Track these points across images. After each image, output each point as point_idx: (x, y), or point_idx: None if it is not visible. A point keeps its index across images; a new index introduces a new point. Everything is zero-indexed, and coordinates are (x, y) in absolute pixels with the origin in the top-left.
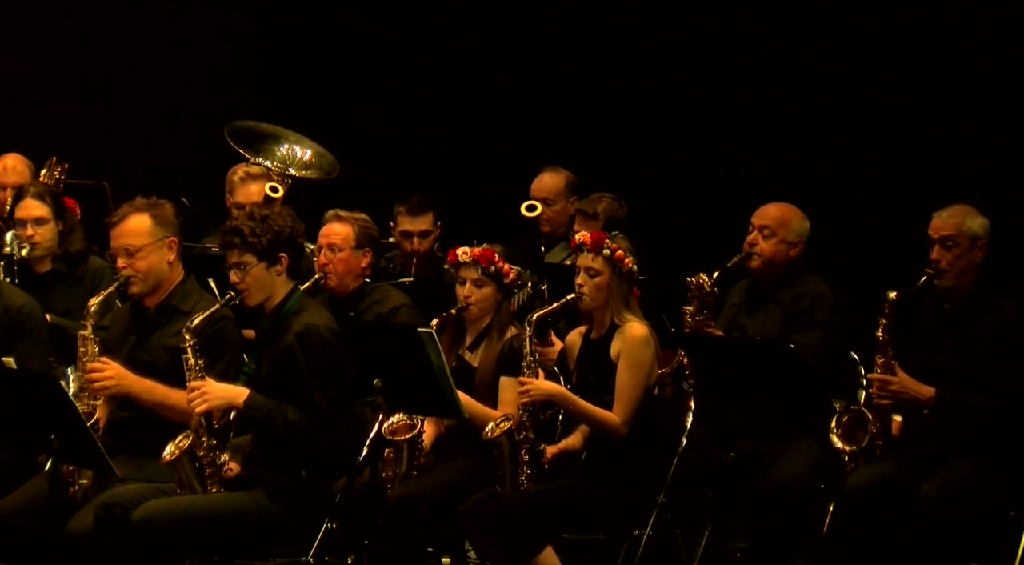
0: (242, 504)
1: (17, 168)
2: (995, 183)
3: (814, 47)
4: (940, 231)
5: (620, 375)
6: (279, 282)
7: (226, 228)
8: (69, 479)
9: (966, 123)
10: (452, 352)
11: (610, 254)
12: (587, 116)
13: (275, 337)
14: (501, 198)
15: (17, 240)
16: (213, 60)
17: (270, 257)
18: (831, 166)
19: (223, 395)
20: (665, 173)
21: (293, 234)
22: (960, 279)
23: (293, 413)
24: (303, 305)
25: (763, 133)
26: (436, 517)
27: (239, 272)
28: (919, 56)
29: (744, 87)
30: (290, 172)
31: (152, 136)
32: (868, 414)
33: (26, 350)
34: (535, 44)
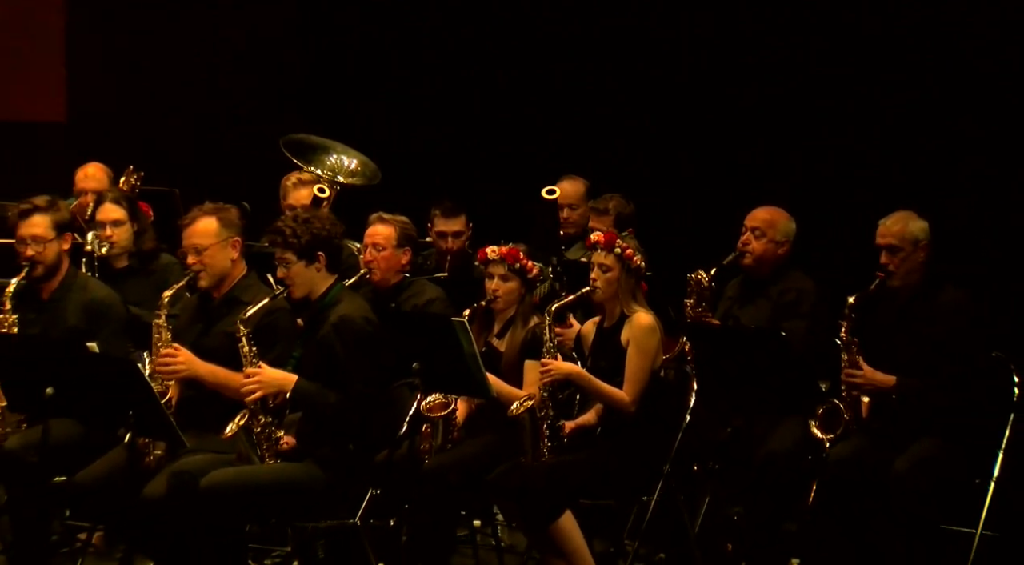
0: (295, 473)
1: (97, 175)
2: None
3: (811, 52)
4: (885, 238)
5: (629, 359)
6: (319, 277)
7: (271, 228)
8: (145, 450)
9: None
10: (481, 339)
11: (620, 252)
12: (598, 125)
13: (315, 326)
14: (524, 201)
15: (97, 240)
16: (269, 82)
17: (309, 255)
18: (814, 171)
19: (274, 381)
20: (668, 179)
21: (330, 235)
22: (907, 279)
23: (334, 396)
24: (341, 297)
25: (755, 143)
26: (467, 485)
27: (283, 268)
28: (916, 57)
29: (740, 96)
30: (338, 179)
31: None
32: (841, 406)
33: (107, 337)
34: (552, 59)
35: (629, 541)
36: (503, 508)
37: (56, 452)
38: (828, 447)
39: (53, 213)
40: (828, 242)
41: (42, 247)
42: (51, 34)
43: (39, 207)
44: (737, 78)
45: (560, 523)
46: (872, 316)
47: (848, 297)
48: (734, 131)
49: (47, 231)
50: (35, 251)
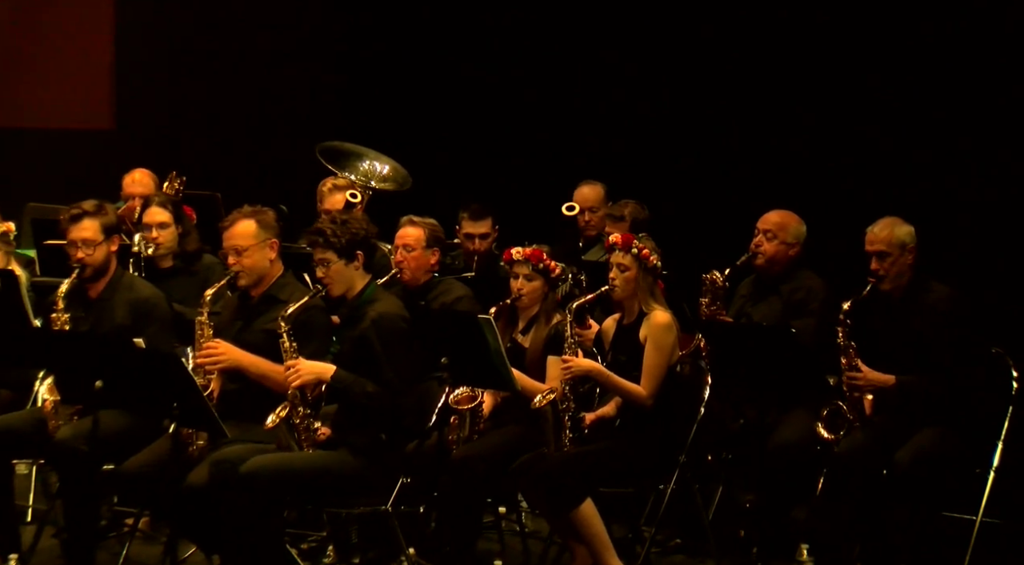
0: (330, 461)
1: (143, 181)
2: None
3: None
4: (873, 245)
5: (647, 355)
6: (356, 276)
7: (311, 230)
8: (188, 440)
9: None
10: (506, 335)
11: (637, 252)
12: (617, 133)
13: (354, 322)
14: (547, 204)
15: (144, 241)
16: (306, 91)
17: (348, 254)
18: (825, 176)
19: (313, 371)
20: (684, 185)
21: (367, 235)
22: (897, 281)
23: (371, 386)
24: (377, 295)
25: (767, 150)
26: (493, 474)
27: (323, 268)
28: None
29: (751, 108)
30: (371, 184)
31: (256, 154)
32: (844, 407)
33: (153, 333)
34: (572, 72)
35: (646, 527)
36: (527, 495)
37: (106, 442)
38: (834, 445)
39: (101, 217)
40: (837, 243)
41: (91, 249)
42: (100, 46)
43: (88, 211)
44: (746, 93)
45: (581, 510)
46: (867, 319)
47: (843, 303)
48: (747, 140)
49: (96, 234)
50: (85, 253)
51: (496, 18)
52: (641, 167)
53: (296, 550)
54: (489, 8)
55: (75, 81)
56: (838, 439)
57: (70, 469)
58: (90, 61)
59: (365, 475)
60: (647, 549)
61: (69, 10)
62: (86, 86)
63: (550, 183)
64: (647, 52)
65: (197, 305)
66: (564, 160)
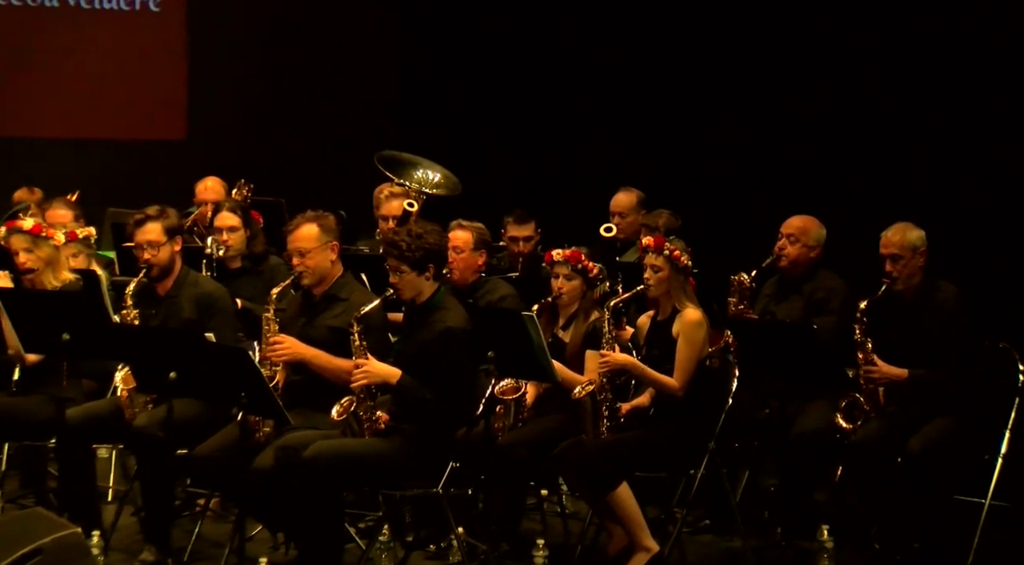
0: (386, 448)
1: (214, 188)
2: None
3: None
4: (887, 248)
5: (679, 349)
6: (426, 285)
7: (389, 240)
8: (255, 427)
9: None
10: (548, 331)
11: (669, 254)
12: (653, 144)
13: (421, 326)
14: (586, 209)
15: (216, 243)
16: (366, 104)
17: (420, 267)
18: (843, 184)
19: (380, 374)
20: (714, 193)
21: (440, 250)
22: (909, 282)
23: (431, 394)
24: (445, 303)
25: (791, 161)
26: (536, 459)
27: (396, 275)
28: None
29: (779, 124)
30: (424, 190)
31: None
32: (860, 399)
33: (217, 325)
34: (611, 86)
35: (678, 509)
36: (567, 479)
37: (179, 428)
38: (851, 434)
39: (164, 220)
40: (855, 245)
41: (156, 250)
42: (174, 64)
43: (151, 216)
44: (771, 113)
45: (617, 492)
46: (882, 317)
47: (860, 302)
48: (772, 153)
49: (159, 236)
50: (150, 254)
51: (541, 35)
52: (675, 176)
53: (354, 529)
54: (534, 25)
55: (152, 96)
56: (855, 429)
57: (147, 453)
58: (165, 78)
59: (418, 460)
60: (678, 529)
61: (146, 32)
62: (162, 101)
63: (590, 189)
64: (683, 75)
65: (264, 303)
66: (603, 168)
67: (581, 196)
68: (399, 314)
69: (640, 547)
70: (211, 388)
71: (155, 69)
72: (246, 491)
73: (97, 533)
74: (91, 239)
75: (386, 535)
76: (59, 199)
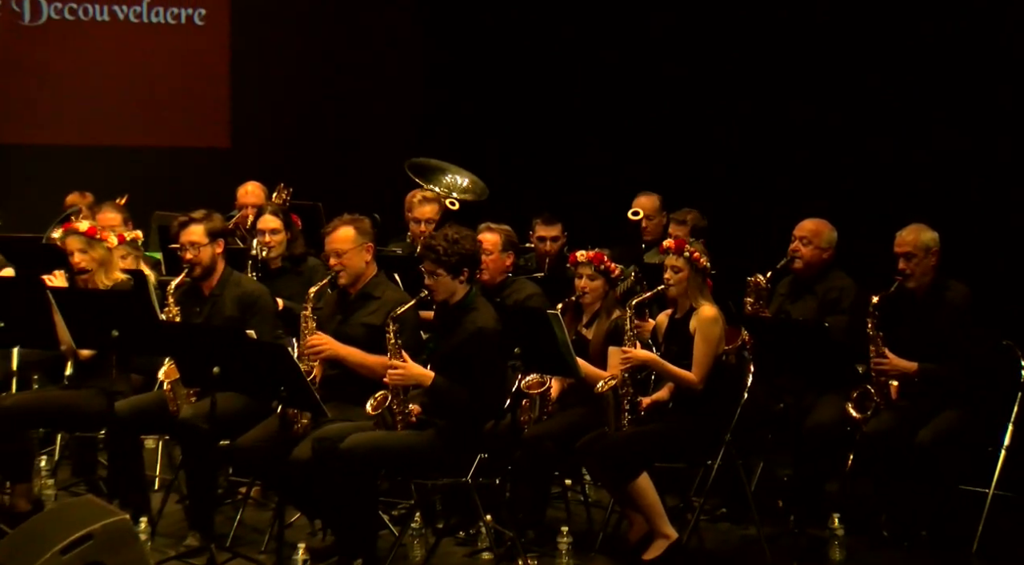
0: (418, 440)
1: (256, 192)
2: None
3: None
4: (901, 247)
5: (697, 346)
6: (460, 287)
7: (426, 244)
8: (294, 419)
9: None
10: (572, 328)
11: (689, 255)
12: (674, 151)
13: (454, 326)
14: (609, 212)
15: (258, 245)
16: (397, 113)
17: (456, 271)
18: (853, 189)
19: (415, 376)
20: (733, 198)
21: (475, 254)
22: (921, 280)
23: (464, 394)
24: (477, 304)
25: (804, 167)
26: (560, 450)
27: (432, 278)
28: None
29: (788, 131)
30: (453, 195)
31: (353, 168)
32: (872, 390)
33: (258, 323)
34: (632, 94)
35: (695, 497)
36: (590, 469)
37: (222, 420)
38: (863, 425)
39: (207, 222)
40: (864, 247)
41: (198, 251)
42: (218, 76)
43: (195, 218)
44: (787, 122)
45: (638, 482)
46: (894, 312)
47: (872, 297)
48: (787, 160)
49: (202, 237)
50: (193, 255)
51: (561, 47)
52: (695, 181)
53: (387, 516)
54: (555, 39)
55: (197, 106)
56: (866, 418)
57: (191, 444)
58: (210, 89)
59: (448, 452)
60: (696, 517)
61: (192, 45)
62: (206, 110)
63: (612, 193)
64: (701, 76)
65: (303, 301)
66: (625, 173)
67: (605, 199)
68: (431, 312)
69: (659, 534)
70: (252, 382)
71: (200, 81)
72: (285, 480)
73: (144, 519)
74: (138, 242)
75: (418, 522)
76: (109, 203)
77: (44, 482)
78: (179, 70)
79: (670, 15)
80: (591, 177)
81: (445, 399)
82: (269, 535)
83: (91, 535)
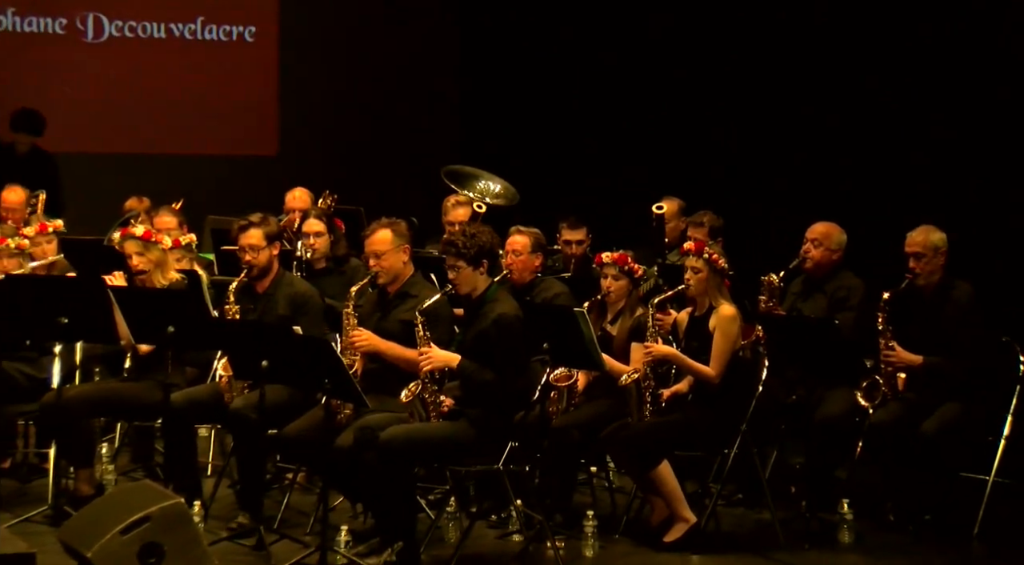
0: (453, 429)
1: (302, 197)
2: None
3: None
4: (911, 247)
5: (715, 342)
6: (481, 279)
7: (446, 240)
8: (337, 410)
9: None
10: (597, 325)
11: (708, 257)
12: (693, 156)
13: (477, 318)
14: (631, 215)
15: (304, 247)
16: (434, 123)
17: (475, 262)
18: (861, 193)
19: (442, 359)
20: (748, 201)
21: (492, 247)
22: (929, 278)
23: (488, 374)
24: (497, 296)
25: (816, 172)
26: (586, 439)
27: (453, 271)
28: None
29: (803, 135)
30: (486, 200)
31: (392, 176)
32: (880, 380)
33: (308, 322)
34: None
35: (713, 484)
36: (614, 457)
37: (270, 410)
38: (871, 413)
39: (264, 226)
40: (871, 248)
41: (256, 253)
42: (266, 86)
43: (254, 222)
44: (801, 129)
45: (659, 469)
46: (903, 308)
47: (884, 293)
48: (801, 165)
49: (260, 240)
50: (251, 257)
51: (590, 58)
52: (713, 186)
53: (424, 500)
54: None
55: (247, 117)
56: (874, 407)
57: (242, 432)
58: (259, 101)
59: (481, 440)
60: (714, 502)
61: (242, 60)
62: (255, 121)
63: (634, 198)
64: (718, 85)
65: (344, 299)
66: (647, 179)
67: (628, 204)
68: (462, 309)
69: (679, 518)
70: (298, 375)
71: (250, 93)
72: (329, 466)
73: (198, 502)
74: (192, 244)
75: (453, 506)
76: (165, 207)
77: (105, 468)
78: (230, 84)
79: (687, 20)
80: (614, 185)
81: (473, 380)
82: (314, 517)
83: (148, 517)
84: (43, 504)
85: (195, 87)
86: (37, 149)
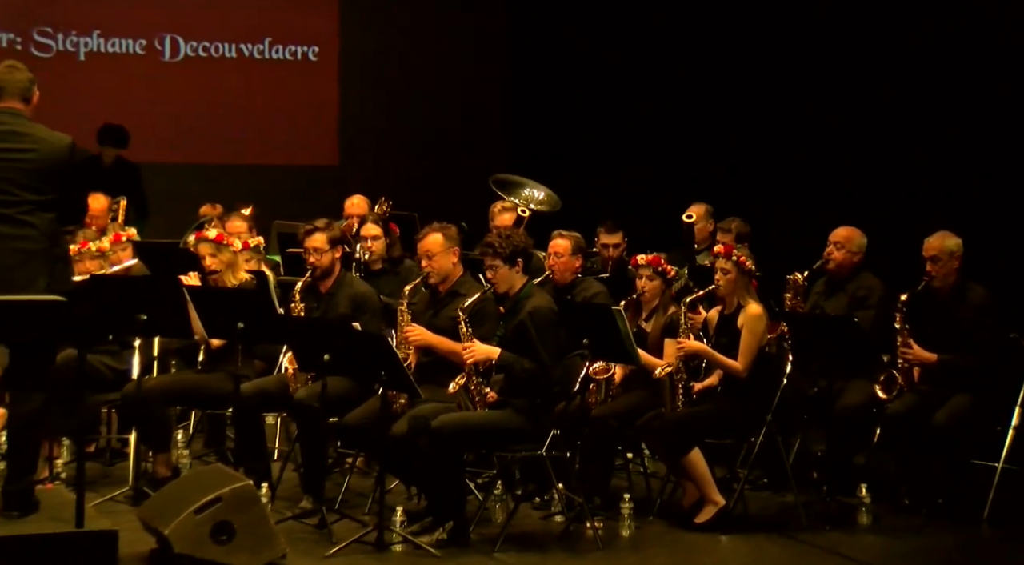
0: (499, 418)
1: (360, 204)
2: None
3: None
4: (928, 251)
5: (744, 339)
6: (517, 278)
7: (484, 243)
8: (392, 400)
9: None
10: (633, 323)
11: (736, 259)
12: (723, 165)
13: (514, 313)
14: (664, 221)
15: (362, 250)
16: (482, 134)
17: (511, 261)
18: (882, 200)
19: (484, 352)
20: (775, 206)
21: (525, 247)
22: (945, 281)
23: (528, 363)
24: (533, 292)
25: (840, 180)
26: (623, 428)
27: (491, 271)
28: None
29: (825, 144)
30: (530, 207)
31: (444, 183)
32: (897, 375)
33: (367, 320)
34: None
35: (741, 469)
36: (649, 445)
37: (332, 400)
38: (887, 404)
39: (328, 231)
40: (890, 251)
41: (320, 256)
42: (328, 101)
43: (318, 227)
44: (825, 138)
45: (690, 456)
46: (920, 308)
47: (901, 295)
48: (826, 173)
49: (324, 244)
50: (315, 259)
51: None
52: (742, 191)
53: (473, 483)
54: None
55: (310, 130)
56: (891, 398)
57: (305, 420)
58: (321, 115)
59: (525, 428)
60: (741, 487)
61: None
62: (318, 133)
63: (667, 204)
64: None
65: (399, 297)
66: (679, 185)
67: (661, 210)
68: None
69: (709, 501)
70: (357, 368)
71: (313, 108)
72: (385, 452)
73: (265, 485)
74: (260, 247)
75: (499, 489)
76: (236, 213)
77: (181, 452)
78: (295, 99)
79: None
80: (648, 193)
81: (513, 370)
82: (372, 499)
83: (220, 498)
84: (124, 485)
85: (263, 102)
86: (121, 160)
